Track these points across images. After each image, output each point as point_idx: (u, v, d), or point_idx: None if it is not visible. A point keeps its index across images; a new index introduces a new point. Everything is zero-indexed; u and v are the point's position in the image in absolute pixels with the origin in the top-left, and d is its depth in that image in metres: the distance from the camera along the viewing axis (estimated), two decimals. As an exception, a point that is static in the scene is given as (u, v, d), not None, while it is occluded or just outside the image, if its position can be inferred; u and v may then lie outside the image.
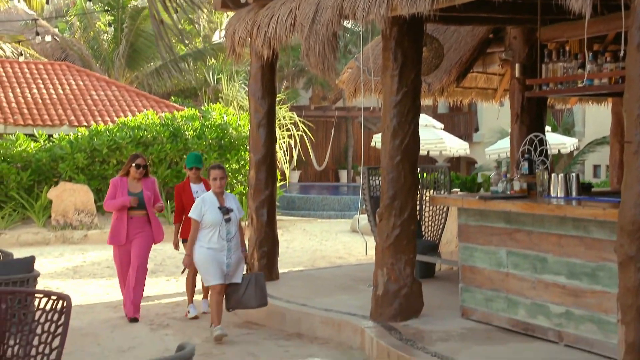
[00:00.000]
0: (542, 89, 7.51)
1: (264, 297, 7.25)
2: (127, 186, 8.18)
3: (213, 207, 7.14)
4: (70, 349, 6.77)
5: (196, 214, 7.13)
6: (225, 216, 7.12)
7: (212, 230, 7.09)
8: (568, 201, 6.33)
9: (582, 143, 22.50)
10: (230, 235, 7.15)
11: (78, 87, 20.55)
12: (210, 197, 7.22)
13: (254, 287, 7.19)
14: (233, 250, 7.17)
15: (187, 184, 8.47)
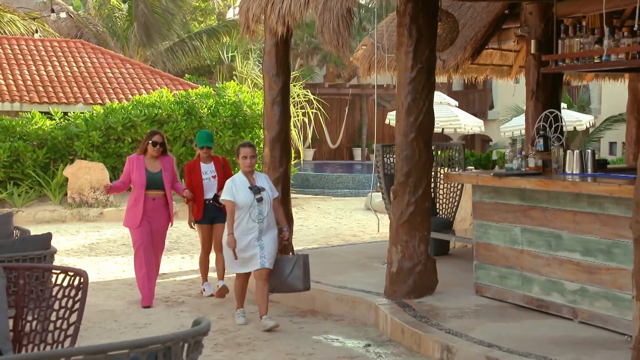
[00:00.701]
0: (558, 65, 7.46)
1: (307, 281, 6.83)
2: (145, 165, 7.82)
3: (243, 187, 6.74)
4: (87, 325, 6.85)
5: (228, 195, 6.74)
6: (257, 196, 6.70)
7: (244, 211, 6.68)
8: (583, 178, 6.30)
9: (598, 120, 22.35)
10: (262, 216, 6.71)
11: (93, 65, 20.59)
12: (240, 177, 6.82)
13: (301, 268, 6.77)
14: (265, 231, 6.72)
15: (197, 162, 8.18)
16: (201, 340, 2.64)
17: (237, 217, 6.68)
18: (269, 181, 6.96)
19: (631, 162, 10.48)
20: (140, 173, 7.75)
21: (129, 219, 7.79)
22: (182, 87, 19.98)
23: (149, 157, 7.85)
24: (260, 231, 6.69)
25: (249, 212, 6.67)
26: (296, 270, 6.77)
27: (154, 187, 7.77)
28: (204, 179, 8.03)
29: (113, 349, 2.31)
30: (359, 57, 11.71)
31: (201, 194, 8.04)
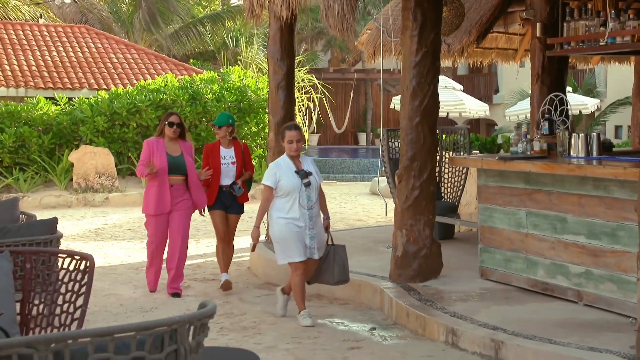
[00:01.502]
0: (563, 48, 7.43)
1: (344, 272, 6.42)
2: (165, 148, 7.34)
3: (289, 171, 6.24)
4: (94, 309, 6.88)
5: (271, 180, 6.22)
6: (304, 180, 6.21)
7: (291, 197, 6.19)
8: (588, 161, 6.29)
9: (604, 104, 22.27)
10: (312, 202, 6.24)
11: (97, 50, 20.57)
12: (285, 161, 6.32)
13: (332, 261, 6.36)
14: (314, 219, 6.28)
15: (217, 145, 7.66)
16: (207, 323, 2.65)
17: (285, 204, 6.21)
18: (315, 165, 6.47)
19: (637, 145, 10.46)
20: (160, 156, 7.28)
21: (149, 206, 7.36)
22: (187, 72, 19.96)
23: (167, 139, 7.40)
24: (310, 218, 6.24)
25: (298, 197, 6.19)
26: (329, 262, 6.37)
27: (175, 171, 7.32)
28: (222, 163, 7.57)
29: (119, 331, 2.33)
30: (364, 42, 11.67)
31: (217, 178, 7.60)
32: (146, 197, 7.42)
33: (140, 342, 2.36)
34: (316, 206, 6.30)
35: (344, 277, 6.44)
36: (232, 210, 7.70)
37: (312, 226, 6.25)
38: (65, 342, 2.24)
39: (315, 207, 6.28)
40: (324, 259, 6.36)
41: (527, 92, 17.77)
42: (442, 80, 19.31)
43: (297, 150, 6.31)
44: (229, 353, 3.76)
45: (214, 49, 28.90)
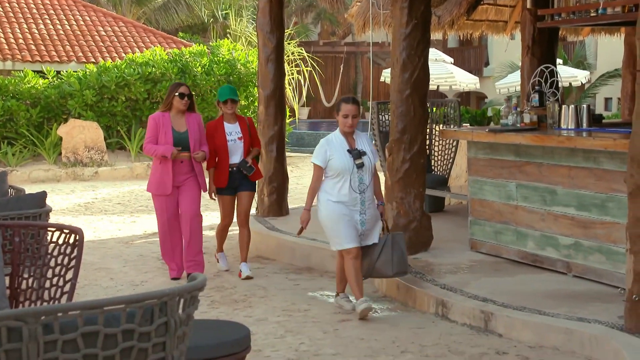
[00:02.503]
0: (554, 19, 7.41)
1: (403, 264, 5.83)
2: (171, 123, 6.87)
3: (341, 149, 5.68)
4: (84, 282, 6.88)
5: (320, 159, 5.68)
6: (357, 161, 5.65)
7: (341, 179, 5.65)
8: (578, 133, 6.30)
9: (594, 76, 22.28)
10: (364, 185, 5.67)
11: (85, 23, 20.39)
12: (337, 138, 5.74)
13: (390, 250, 5.77)
14: (367, 203, 5.72)
15: (220, 122, 7.10)
16: (197, 296, 2.64)
17: (334, 185, 5.66)
18: (371, 143, 5.86)
19: (627, 117, 10.47)
20: (166, 132, 6.82)
21: (155, 185, 6.88)
22: (176, 45, 19.83)
23: (175, 113, 6.88)
24: (362, 202, 5.68)
25: (349, 179, 5.64)
26: (385, 253, 5.77)
27: (182, 148, 6.83)
28: (228, 140, 7.00)
29: (109, 304, 2.32)
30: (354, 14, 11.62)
31: (226, 157, 7.01)
32: (151, 176, 7.00)
33: (130, 315, 2.35)
34: (369, 190, 5.72)
35: (403, 268, 5.84)
36: (243, 188, 7.13)
37: (364, 210, 5.70)
38: (55, 314, 2.23)
39: (368, 190, 5.71)
40: (379, 248, 5.78)
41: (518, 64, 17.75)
42: (432, 53, 19.25)
43: (352, 126, 5.70)
44: (219, 325, 3.76)
45: (203, 21, 28.70)
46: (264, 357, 4.98)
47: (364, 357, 4.95)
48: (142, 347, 2.39)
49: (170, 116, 6.89)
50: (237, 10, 26.17)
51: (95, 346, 2.29)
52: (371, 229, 5.77)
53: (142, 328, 2.38)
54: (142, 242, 8.97)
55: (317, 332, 5.47)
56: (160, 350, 2.46)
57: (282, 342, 5.26)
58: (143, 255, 8.22)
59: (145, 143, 6.96)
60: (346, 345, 5.17)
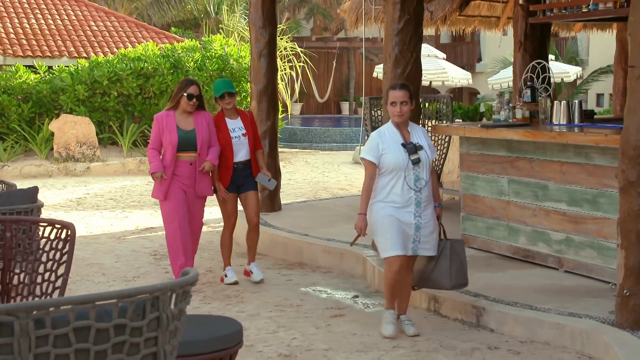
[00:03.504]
0: (546, 15, 7.42)
1: (462, 275, 5.17)
2: (176, 122, 6.40)
3: (394, 144, 5.03)
4: (76, 278, 6.87)
5: (372, 154, 5.03)
6: (413, 156, 4.98)
7: (394, 177, 4.99)
8: (570, 128, 6.31)
9: (586, 72, 22.32)
10: (421, 184, 5.00)
11: (77, 18, 20.31)
12: (390, 131, 5.11)
13: (448, 260, 5.11)
14: (424, 205, 5.03)
15: (221, 118, 6.64)
16: (189, 291, 2.64)
17: (386, 184, 5.02)
18: (427, 137, 5.24)
19: (618, 113, 10.50)
20: (171, 132, 6.35)
21: (159, 189, 6.40)
22: (168, 40, 19.77)
23: (181, 112, 6.43)
24: (417, 204, 5.00)
25: (404, 177, 4.99)
26: (443, 262, 5.11)
27: (189, 148, 6.38)
28: (232, 137, 6.58)
29: (101, 298, 2.31)
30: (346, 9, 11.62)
31: (230, 155, 6.58)
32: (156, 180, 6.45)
33: (122, 310, 2.35)
34: (427, 189, 5.04)
35: (462, 280, 5.18)
36: (248, 187, 6.68)
37: (419, 212, 5.00)
38: (47, 309, 2.23)
39: (425, 190, 5.03)
40: (436, 257, 5.13)
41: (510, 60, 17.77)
42: (424, 48, 19.26)
43: (402, 114, 5.06)
44: (211, 321, 3.76)
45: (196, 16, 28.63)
46: (256, 352, 4.99)
47: (356, 352, 4.96)
48: (134, 341, 2.39)
49: (176, 114, 6.42)
50: (229, 5, 26.12)
51: (87, 341, 2.29)
52: (428, 235, 5.05)
53: (134, 323, 2.38)
54: (134, 238, 8.96)
55: (309, 327, 5.48)
56: (152, 345, 2.46)
57: (274, 337, 5.27)
58: (135, 250, 8.21)
59: (149, 146, 6.53)
60: (338, 341, 5.18)
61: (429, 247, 5.07)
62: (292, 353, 4.97)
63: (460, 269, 5.14)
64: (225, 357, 3.48)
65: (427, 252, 5.07)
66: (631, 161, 4.69)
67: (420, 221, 5.02)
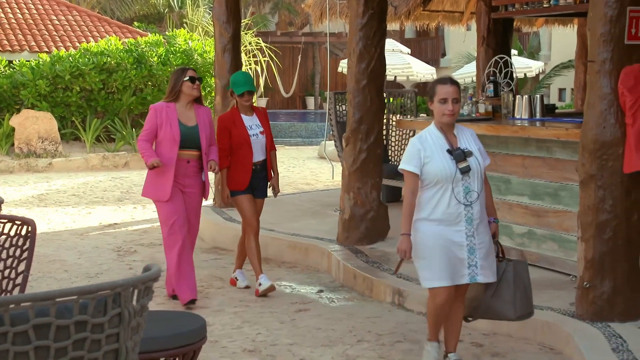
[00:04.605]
0: (507, 10, 7.49)
1: (528, 303, 4.35)
2: (177, 115, 5.80)
3: (439, 150, 4.21)
4: (38, 275, 6.79)
5: (413, 163, 4.20)
6: (461, 164, 4.18)
7: (440, 189, 4.18)
8: (532, 122, 6.38)
9: (548, 67, 22.57)
10: (472, 197, 4.19)
11: (38, 12, 20.03)
12: (433, 135, 4.27)
13: (512, 285, 4.27)
14: (477, 222, 4.21)
15: (236, 114, 6.12)
16: (151, 286, 2.62)
17: (430, 199, 4.20)
18: (477, 139, 4.39)
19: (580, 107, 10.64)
20: (172, 125, 5.75)
21: (154, 189, 5.81)
22: (131, 35, 19.59)
23: (183, 103, 5.85)
24: (469, 220, 4.19)
25: (451, 189, 4.18)
26: (504, 288, 4.28)
27: (189, 145, 5.80)
28: (250, 135, 6.06)
29: (61, 295, 2.29)
30: (311, 4, 11.61)
31: (249, 155, 6.06)
32: (148, 177, 5.87)
33: (82, 306, 2.33)
34: (479, 203, 4.22)
35: (529, 309, 4.38)
36: (258, 194, 6.24)
37: (472, 232, 4.20)
38: (6, 306, 2.20)
39: (478, 203, 4.21)
40: (495, 284, 4.29)
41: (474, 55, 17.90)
42: (389, 43, 19.32)
43: (454, 113, 4.23)
44: (175, 316, 3.74)
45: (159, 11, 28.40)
46: (220, 347, 4.98)
47: (320, 346, 4.97)
48: (95, 338, 2.37)
49: (177, 107, 5.83)
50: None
51: (47, 338, 2.27)
52: (484, 258, 4.22)
53: (95, 319, 2.35)
54: (97, 234, 8.88)
55: (274, 323, 5.48)
56: (113, 342, 2.44)
57: (239, 333, 5.26)
58: (98, 247, 8.14)
59: (140, 137, 5.83)
60: (303, 335, 5.19)
61: (488, 272, 4.22)
62: (257, 348, 4.96)
63: (525, 295, 4.32)
64: (189, 352, 3.46)
65: (486, 278, 4.22)
66: (591, 155, 4.76)
67: (474, 242, 4.20)
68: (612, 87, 4.66)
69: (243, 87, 6.05)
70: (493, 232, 4.33)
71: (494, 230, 4.34)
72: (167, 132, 5.75)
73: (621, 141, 4.66)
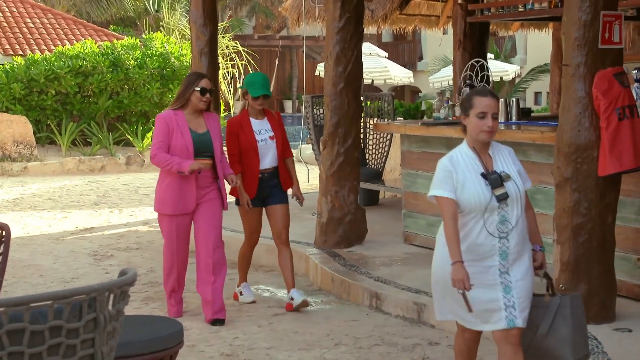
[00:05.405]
0: (483, 14, 7.54)
1: (584, 342, 3.77)
2: (187, 124, 5.42)
3: (472, 173, 3.65)
4: (12, 280, 6.72)
5: (446, 188, 3.64)
6: (498, 191, 3.60)
7: (472, 219, 3.62)
8: (508, 126, 6.42)
9: (524, 70, 22.75)
10: (508, 227, 3.61)
11: (12, 15, 19.87)
12: (465, 155, 3.71)
13: (570, 321, 3.67)
14: (513, 256, 3.62)
15: (245, 118, 5.78)
16: (127, 291, 2.61)
17: (460, 228, 3.62)
18: (517, 159, 3.81)
19: (555, 110, 10.72)
20: (184, 133, 5.38)
21: (166, 203, 5.43)
22: (107, 38, 19.49)
23: (191, 111, 5.46)
24: (503, 255, 3.62)
25: (483, 220, 3.61)
26: (560, 326, 3.67)
27: (202, 153, 5.43)
28: (258, 140, 5.71)
29: (36, 300, 2.26)
30: (288, 8, 11.61)
31: (256, 161, 5.72)
32: (161, 190, 5.47)
33: (57, 311, 2.31)
34: (517, 233, 3.63)
35: (586, 350, 3.79)
36: (276, 200, 5.85)
37: (506, 268, 3.62)
38: (-21, 312, 2.18)
39: (515, 234, 3.62)
40: (549, 318, 3.70)
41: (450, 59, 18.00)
42: (366, 47, 19.37)
43: (493, 130, 3.66)
44: (151, 321, 3.72)
45: (135, 14, 28.27)
46: (198, 352, 4.95)
47: (298, 350, 4.97)
48: (70, 343, 2.35)
49: (185, 114, 5.45)
50: (170, 2, 25.85)
51: (21, 344, 2.24)
52: (524, 297, 3.63)
53: (70, 324, 2.33)
54: (73, 239, 8.80)
55: (251, 326, 5.46)
56: (89, 347, 2.42)
57: (216, 337, 5.24)
58: (74, 251, 8.07)
59: (153, 150, 5.41)
60: (281, 339, 5.18)
61: (524, 314, 3.61)
62: (234, 352, 4.95)
63: (581, 333, 3.73)
64: (166, 357, 3.44)
65: (521, 320, 3.60)
66: (566, 158, 4.79)
67: (509, 279, 3.61)
68: (586, 91, 4.70)
69: (260, 91, 5.70)
70: (540, 263, 3.74)
71: (540, 260, 3.75)
72: (178, 142, 5.37)
73: (596, 144, 4.70)
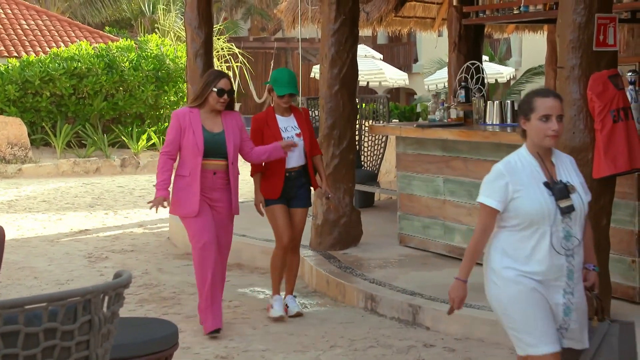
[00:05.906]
0: (478, 16, 7.55)
1: None
2: (201, 122, 5.25)
3: (534, 182, 3.28)
4: (7, 282, 6.71)
5: (496, 197, 3.30)
6: (563, 202, 3.25)
7: (535, 233, 3.25)
8: (503, 128, 6.43)
9: (519, 72, 22.78)
10: (574, 243, 3.28)
11: (7, 16, 19.86)
12: (525, 161, 3.33)
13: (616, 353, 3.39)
14: (577, 275, 3.32)
15: (270, 115, 5.61)
16: (122, 293, 2.60)
17: (522, 244, 3.28)
18: (578, 170, 3.46)
19: (549, 113, 10.73)
20: (195, 132, 5.21)
21: (182, 205, 5.27)
22: (103, 40, 19.47)
23: (208, 110, 5.29)
24: (569, 275, 3.29)
25: (549, 233, 3.25)
26: (605, 353, 3.39)
27: (215, 154, 5.25)
28: (284, 137, 5.52)
29: (30, 302, 2.26)
30: (283, 10, 11.61)
31: (282, 160, 5.52)
32: (174, 193, 5.33)
33: (52, 313, 2.30)
34: (580, 252, 3.33)
35: None
36: (299, 203, 5.66)
37: (571, 289, 3.29)
38: (-27, 315, 2.17)
39: (578, 253, 3.32)
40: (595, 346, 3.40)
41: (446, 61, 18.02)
42: (361, 49, 19.38)
43: (558, 134, 3.28)
44: (146, 323, 3.72)
45: (130, 16, 28.25)
46: (193, 354, 4.94)
47: (293, 352, 4.96)
48: (65, 345, 2.35)
49: (201, 113, 5.28)
50: (165, 4, 25.85)
51: (15, 346, 2.24)
52: (579, 320, 3.33)
53: (64, 326, 2.33)
54: (68, 240, 8.79)
55: (246, 329, 5.45)
56: (84, 349, 2.42)
57: (211, 339, 5.23)
58: (69, 253, 8.06)
59: (162, 150, 5.33)
60: (276, 341, 5.18)
61: (578, 336, 3.35)
62: (230, 354, 4.94)
63: None
64: (161, 359, 3.44)
65: (574, 343, 3.34)
66: (561, 160, 4.79)
67: (572, 300, 3.29)
68: (581, 93, 4.71)
69: (286, 89, 5.52)
70: (592, 283, 3.42)
71: (592, 280, 3.43)
72: (189, 140, 5.21)
73: (590, 147, 4.71)
